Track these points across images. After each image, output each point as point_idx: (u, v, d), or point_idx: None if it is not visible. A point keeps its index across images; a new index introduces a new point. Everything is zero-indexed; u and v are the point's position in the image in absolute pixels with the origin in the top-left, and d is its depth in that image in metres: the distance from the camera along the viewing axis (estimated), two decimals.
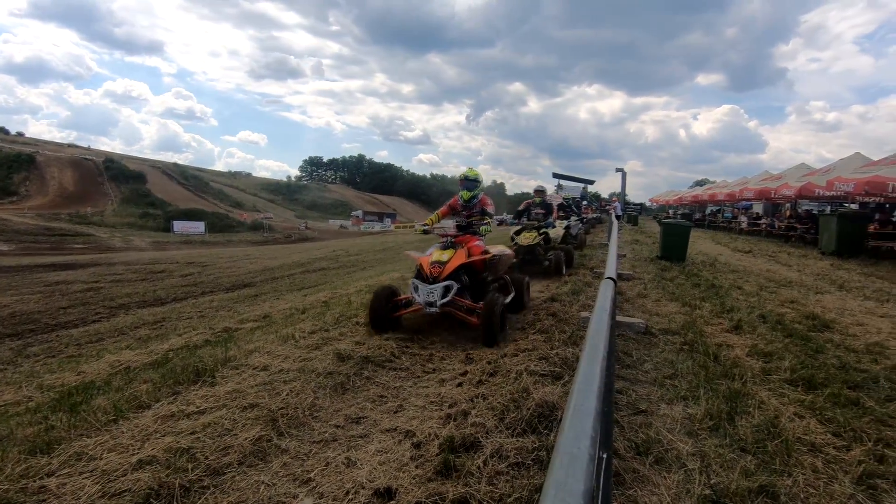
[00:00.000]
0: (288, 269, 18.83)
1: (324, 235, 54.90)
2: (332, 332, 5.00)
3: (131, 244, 35.41)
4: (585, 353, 0.84)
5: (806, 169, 20.64)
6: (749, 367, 4.07)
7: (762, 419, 3.07)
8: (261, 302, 10.65)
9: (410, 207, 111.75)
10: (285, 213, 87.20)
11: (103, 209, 55.58)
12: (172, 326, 8.62)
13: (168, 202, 64.97)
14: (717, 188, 32.19)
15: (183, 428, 2.83)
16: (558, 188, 37.27)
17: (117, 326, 9.08)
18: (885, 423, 3.13)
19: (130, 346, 6.58)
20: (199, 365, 3.95)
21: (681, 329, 5.22)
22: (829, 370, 4.03)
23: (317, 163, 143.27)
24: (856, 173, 14.77)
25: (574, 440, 0.56)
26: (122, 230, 43.64)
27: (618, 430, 2.91)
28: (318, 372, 3.73)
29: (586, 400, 0.67)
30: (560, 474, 0.52)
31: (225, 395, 3.30)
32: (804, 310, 6.39)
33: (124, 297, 12.34)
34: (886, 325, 5.73)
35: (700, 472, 2.50)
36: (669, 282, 8.32)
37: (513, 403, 3.09)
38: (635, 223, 31.02)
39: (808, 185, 17.42)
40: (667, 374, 3.92)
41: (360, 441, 2.84)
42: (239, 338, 5.69)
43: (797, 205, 21.72)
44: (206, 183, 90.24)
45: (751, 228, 24.32)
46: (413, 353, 4.42)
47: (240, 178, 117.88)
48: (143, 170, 78.61)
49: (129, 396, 3.37)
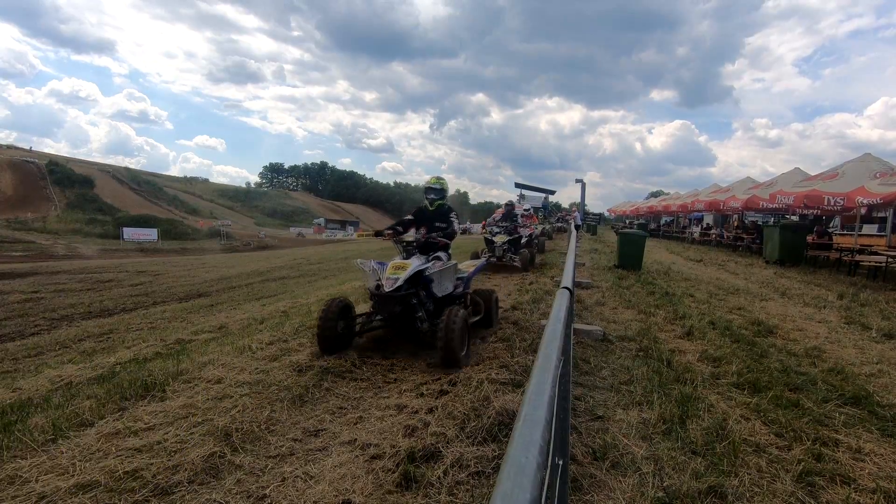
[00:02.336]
0: (246, 277, 18.31)
1: (284, 243, 53.71)
2: (291, 343, 4.89)
3: (76, 252, 33.54)
4: (538, 363, 0.85)
5: (751, 182, 21.79)
6: (700, 372, 4.24)
7: (711, 422, 3.20)
8: (216, 312, 10.29)
9: (374, 215, 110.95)
10: (244, 220, 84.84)
11: (46, 215, 52.50)
12: (120, 339, 8.20)
13: (118, 208, 62.11)
14: (670, 199, 33.55)
15: (129, 446, 2.68)
16: (521, 198, 37.86)
17: (59, 339, 8.55)
18: (822, 423, 3.32)
19: (73, 360, 6.21)
20: (148, 379, 3.77)
21: (636, 336, 5.39)
22: (772, 373, 4.25)
23: (278, 169, 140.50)
24: (796, 187, 15.71)
25: (523, 449, 0.57)
26: (67, 237, 41.33)
27: (576, 436, 2.97)
28: (276, 384, 3.64)
29: (536, 409, 0.68)
30: (507, 485, 0.53)
31: (175, 411, 3.16)
32: (750, 316, 6.73)
33: (67, 308, 11.66)
34: (823, 330, 6.10)
35: (653, 474, 2.58)
36: (626, 290, 8.58)
37: (473, 412, 3.10)
38: (594, 233, 31.93)
39: (753, 198, 18.40)
40: (623, 379, 4.03)
41: (319, 454, 2.78)
42: (192, 350, 5.47)
43: (744, 216, 22.90)
44: (159, 188, 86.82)
45: (702, 238, 25.46)
46: (374, 363, 4.37)
47: (196, 183, 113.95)
48: (90, 174, 74.84)
49: (70, 414, 3.17)
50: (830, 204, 13.54)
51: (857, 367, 4.64)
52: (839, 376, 4.28)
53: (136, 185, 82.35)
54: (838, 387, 3.98)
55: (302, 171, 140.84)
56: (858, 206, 12.67)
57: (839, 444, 3.03)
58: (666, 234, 31.84)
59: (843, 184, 13.43)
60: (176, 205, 78.80)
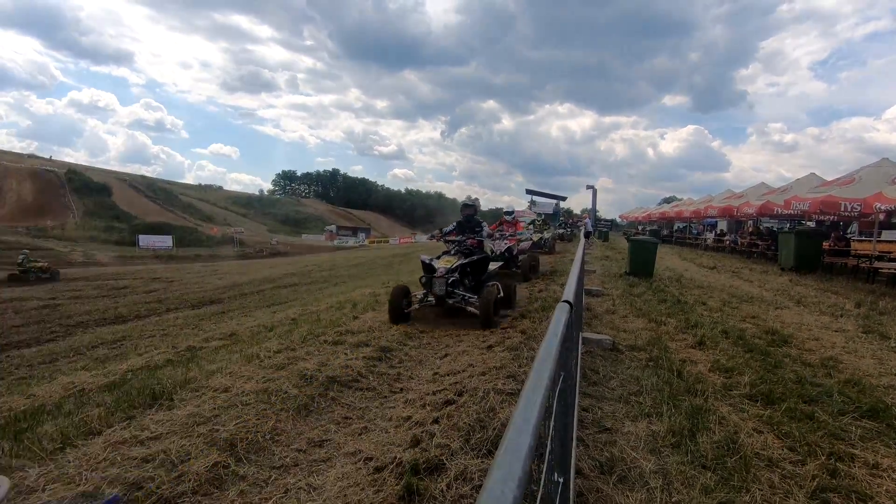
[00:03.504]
0: (258, 284, 18.47)
1: (297, 250, 54.09)
2: (298, 352, 4.90)
3: (93, 259, 34.11)
4: (528, 384, 0.83)
5: (766, 188, 21.49)
6: (711, 383, 4.16)
7: (722, 435, 3.13)
8: (228, 319, 10.39)
9: (385, 222, 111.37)
10: (257, 227, 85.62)
11: (64, 222, 53.54)
12: (133, 345, 8.31)
13: (134, 215, 63.10)
14: (683, 205, 33.19)
15: (134, 456, 2.70)
16: (531, 204, 37.73)
17: (74, 346, 8.70)
18: (838, 436, 3.23)
19: (87, 367, 6.30)
20: (156, 387, 3.80)
21: (647, 345, 5.32)
22: (786, 385, 4.16)
23: (290, 177, 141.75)
24: (811, 193, 15.46)
25: (501, 482, 0.55)
26: (84, 244, 42.04)
27: (583, 448, 2.92)
28: (282, 393, 3.64)
29: (520, 436, 0.66)
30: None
31: (182, 420, 3.18)
32: (764, 325, 6.60)
33: (83, 315, 11.86)
34: (840, 340, 5.96)
35: (662, 490, 2.53)
36: (637, 298, 8.49)
37: (479, 424, 3.07)
38: (606, 239, 31.71)
39: (767, 204, 18.14)
40: (632, 390, 3.97)
41: (323, 465, 2.77)
42: (202, 357, 5.52)
43: (759, 222, 22.57)
44: (174, 196, 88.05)
45: (716, 245, 25.11)
46: (380, 372, 4.36)
47: (210, 191, 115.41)
48: (108, 182, 76.18)
49: (80, 422, 3.21)
50: (847, 210, 13.29)
51: (876, 378, 4.52)
52: (856, 388, 4.17)
53: (151, 192, 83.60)
54: (855, 399, 3.87)
55: (314, 178, 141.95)
56: (876, 211, 12.41)
57: (855, 459, 2.94)
58: (679, 240, 31.49)
59: (860, 189, 13.19)
60: (190, 212, 79.82)
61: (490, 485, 0.55)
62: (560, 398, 1.47)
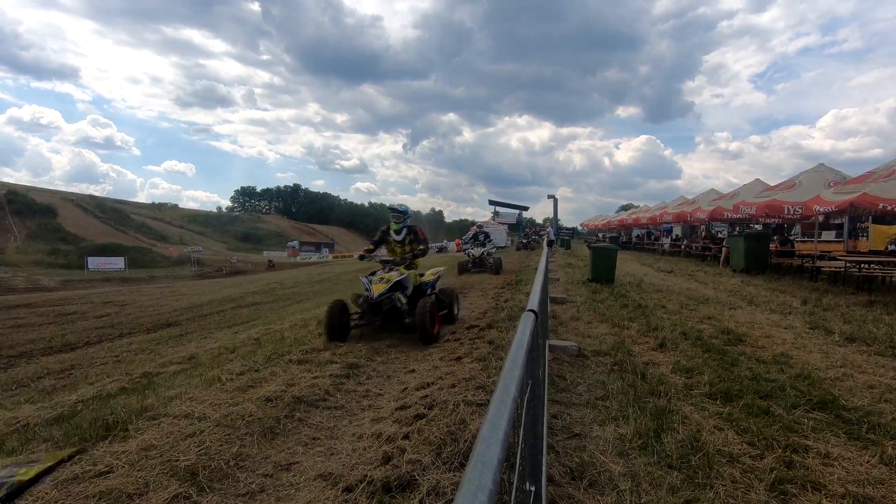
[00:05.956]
0: (218, 304, 17.86)
1: (258, 268, 52.70)
2: (262, 372, 4.75)
3: (37, 284, 32.18)
4: (495, 396, 0.83)
5: (716, 194, 22.53)
6: (673, 384, 4.29)
7: (686, 434, 3.23)
8: (186, 342, 9.97)
9: (349, 237, 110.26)
10: (216, 245, 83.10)
11: (4, 246, 50.39)
12: (83, 374, 7.85)
13: (82, 237, 60.15)
14: (640, 213, 34.35)
15: (87, 493, 2.54)
16: (495, 214, 38.21)
17: (16, 378, 8.14)
18: (792, 429, 3.39)
19: (31, 400, 5.89)
20: (109, 417, 3.60)
21: (611, 350, 5.44)
22: (742, 382, 4.33)
23: (250, 193, 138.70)
24: (757, 197, 16.32)
25: (471, 496, 0.55)
26: (27, 269, 39.68)
27: (553, 455, 2.95)
28: (246, 417, 3.52)
29: (489, 448, 0.66)
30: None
31: (137, 451, 3.01)
32: (720, 325, 6.87)
33: (26, 344, 11.13)
34: (790, 336, 6.27)
35: (631, 492, 2.57)
36: (600, 303, 8.68)
37: (450, 437, 3.05)
38: (568, 247, 32.42)
39: (718, 209, 19.02)
40: (599, 395, 4.05)
41: (291, 490, 2.68)
42: (159, 383, 5.27)
43: (711, 226, 23.59)
44: (126, 216, 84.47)
45: (672, 249, 26.07)
46: (348, 389, 4.28)
47: (165, 209, 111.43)
48: (53, 203, 72.44)
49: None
50: (790, 213, 14.10)
51: (823, 371, 4.78)
52: (806, 381, 4.39)
53: (101, 212, 79.93)
54: (806, 392, 4.07)
55: (274, 194, 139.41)
56: (816, 214, 13.21)
57: (809, 450, 3.09)
58: (637, 246, 32.51)
59: (801, 193, 14.03)
60: (144, 232, 76.74)
61: (460, 499, 0.55)
62: (529, 407, 1.48)
